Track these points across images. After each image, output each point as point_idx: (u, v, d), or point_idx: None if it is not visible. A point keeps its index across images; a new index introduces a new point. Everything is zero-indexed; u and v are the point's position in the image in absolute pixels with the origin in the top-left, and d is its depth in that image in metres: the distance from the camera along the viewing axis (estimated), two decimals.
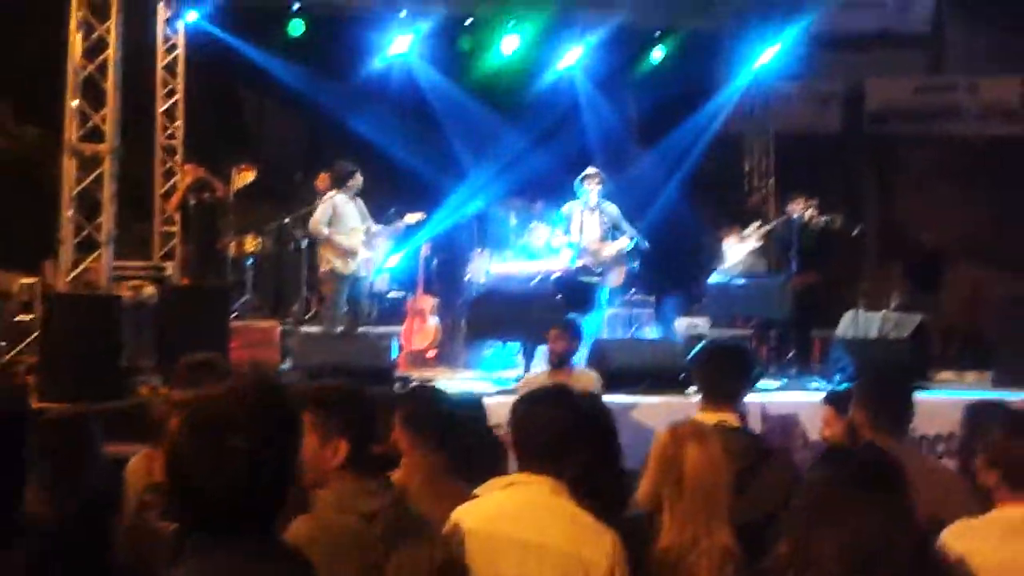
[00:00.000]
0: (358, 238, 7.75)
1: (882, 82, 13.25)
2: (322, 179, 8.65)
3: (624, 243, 7.95)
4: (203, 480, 1.42)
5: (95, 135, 6.99)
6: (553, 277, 7.95)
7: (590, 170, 8.03)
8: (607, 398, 4.75)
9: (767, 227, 9.04)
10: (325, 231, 7.64)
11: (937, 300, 9.24)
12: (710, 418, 3.29)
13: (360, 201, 7.92)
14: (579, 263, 7.86)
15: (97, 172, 6.90)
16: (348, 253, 7.66)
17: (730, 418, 3.32)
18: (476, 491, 2.66)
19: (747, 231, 9.22)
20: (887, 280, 10.24)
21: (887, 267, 11.50)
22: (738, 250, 9.15)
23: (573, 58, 10.59)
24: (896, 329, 7.76)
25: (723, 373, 3.46)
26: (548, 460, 2.56)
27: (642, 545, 2.61)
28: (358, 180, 7.84)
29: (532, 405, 2.65)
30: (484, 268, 8.73)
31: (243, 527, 1.44)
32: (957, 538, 2.49)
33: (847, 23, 13.19)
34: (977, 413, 3.42)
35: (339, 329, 7.50)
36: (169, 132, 10.05)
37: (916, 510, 2.14)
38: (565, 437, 2.59)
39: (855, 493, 2.11)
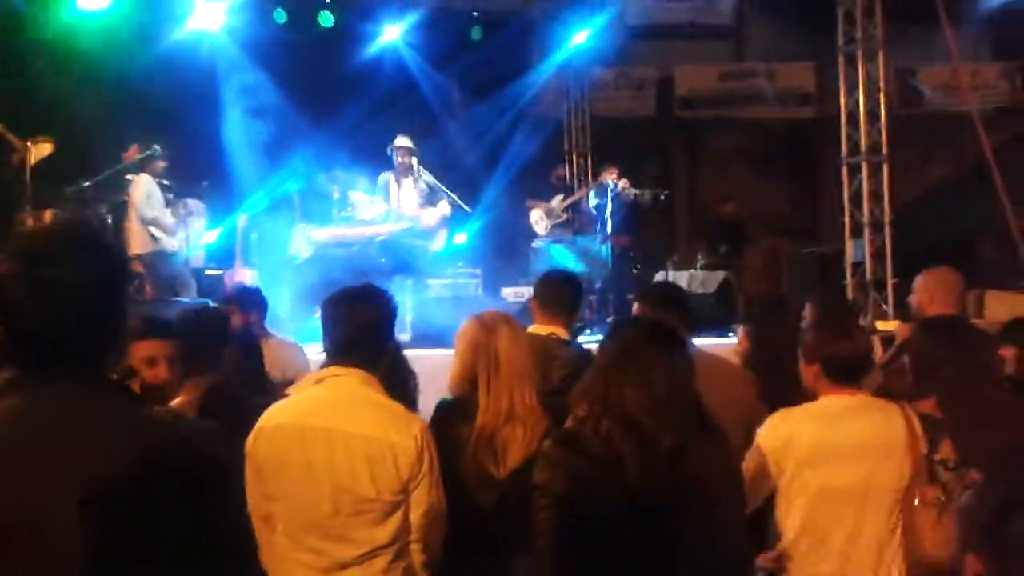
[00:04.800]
0: (173, 215, 7.80)
1: (690, 69, 14.00)
2: (133, 150, 8.28)
3: (444, 208, 8.03)
4: (25, 313, 1.37)
5: None
6: (378, 239, 7.91)
7: (400, 139, 8.09)
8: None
9: (572, 199, 9.47)
10: (150, 212, 7.63)
11: (739, 264, 9.89)
12: (543, 330, 3.48)
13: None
14: (402, 226, 7.88)
15: None
16: (169, 231, 7.71)
17: (560, 331, 3.55)
18: (289, 389, 2.67)
19: (553, 202, 9.60)
20: (694, 248, 10.88)
21: (694, 237, 12.22)
22: (544, 223, 9.52)
23: (395, 33, 10.61)
24: (702, 285, 8.25)
25: (555, 292, 3.71)
26: (356, 353, 2.59)
27: (455, 427, 2.68)
28: (161, 163, 7.84)
29: (341, 302, 2.67)
30: (306, 240, 8.57)
31: (68, 364, 1.39)
32: (782, 421, 2.72)
33: (659, 15, 13.95)
34: (753, 317, 3.72)
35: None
36: None
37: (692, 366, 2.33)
38: (373, 331, 2.63)
39: (645, 349, 2.28)
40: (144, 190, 7.70)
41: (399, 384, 3.18)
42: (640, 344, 2.30)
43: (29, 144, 8.77)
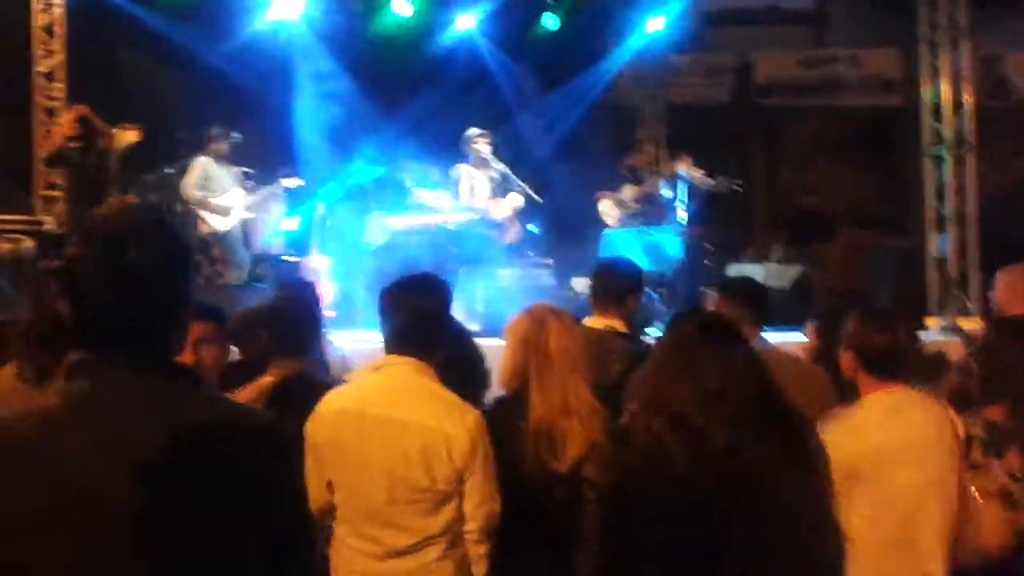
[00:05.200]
0: (231, 199, 7.90)
1: (769, 55, 13.71)
2: (216, 147, 8.50)
3: (517, 200, 8.02)
4: (95, 296, 1.41)
5: None
6: (450, 228, 7.96)
7: (475, 130, 8.09)
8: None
9: (645, 189, 9.32)
10: (196, 193, 7.76)
11: (819, 258, 9.65)
12: (599, 323, 3.43)
13: (233, 167, 7.99)
14: (473, 216, 7.91)
15: None
16: (223, 211, 7.81)
17: (617, 324, 3.48)
18: (348, 376, 2.71)
19: (624, 193, 9.48)
20: (771, 241, 10.64)
21: (772, 229, 11.95)
22: (614, 212, 9.40)
23: (470, 22, 10.62)
24: (778, 279, 8.07)
25: (608, 284, 3.62)
26: (414, 342, 2.61)
27: (511, 421, 2.68)
28: (222, 145, 7.91)
29: (399, 290, 2.70)
30: (380, 227, 8.67)
31: (134, 346, 1.42)
32: (839, 429, 2.64)
33: (736, 1, 13.69)
34: (828, 313, 3.62)
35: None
36: (49, 94, 9.69)
37: (757, 363, 2.27)
38: (429, 320, 2.65)
39: (697, 343, 2.25)
40: (197, 172, 7.83)
41: (466, 372, 3.18)
42: (691, 338, 2.27)
43: (115, 130, 9.08)
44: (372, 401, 2.56)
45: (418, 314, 2.61)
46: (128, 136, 9.01)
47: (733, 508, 2.13)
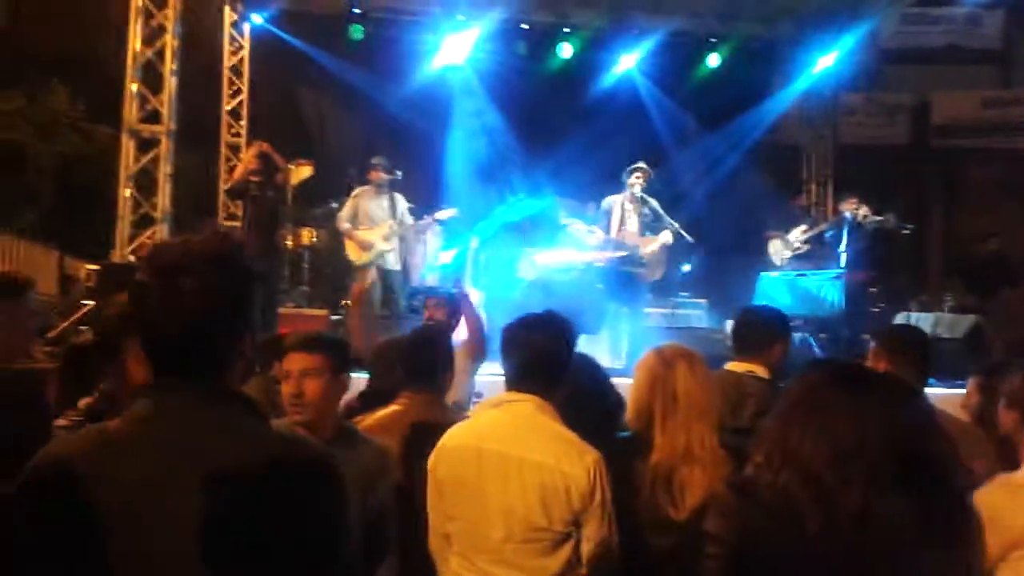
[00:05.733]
0: (380, 232, 8.09)
1: (948, 95, 13.05)
2: (374, 175, 8.86)
3: (666, 237, 7.89)
4: (158, 320, 1.48)
5: (154, 117, 7.27)
6: (597, 266, 7.93)
7: (638, 164, 8.05)
8: None
9: (813, 231, 8.97)
10: (344, 225, 8.09)
11: (998, 308, 8.95)
12: (739, 368, 3.33)
13: (397, 196, 8.20)
14: (620, 254, 7.85)
15: (154, 152, 7.16)
16: (363, 245, 8.05)
17: (759, 369, 3.38)
18: (469, 412, 2.72)
19: (792, 234, 9.16)
20: (946, 288, 10.00)
21: (947, 276, 11.24)
22: (783, 253, 9.09)
23: (631, 62, 10.64)
24: (949, 330, 7.56)
25: (751, 328, 3.55)
26: (535, 379, 2.60)
27: (632, 462, 2.61)
28: (381, 175, 8.13)
29: (520, 328, 2.69)
30: (531, 263, 8.76)
31: (197, 371, 1.48)
32: (999, 494, 2.42)
33: (915, 38, 13.10)
34: (995, 367, 3.35)
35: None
36: (234, 131, 10.42)
37: (901, 416, 2.11)
38: (550, 357, 2.62)
39: (829, 393, 2.10)
40: (351, 203, 8.16)
41: (592, 411, 3.14)
42: (823, 387, 2.12)
43: (291, 166, 9.63)
44: (492, 437, 2.56)
45: (538, 352, 2.59)
46: (302, 172, 9.57)
47: None
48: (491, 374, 6.56)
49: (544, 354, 2.59)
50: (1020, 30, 12.84)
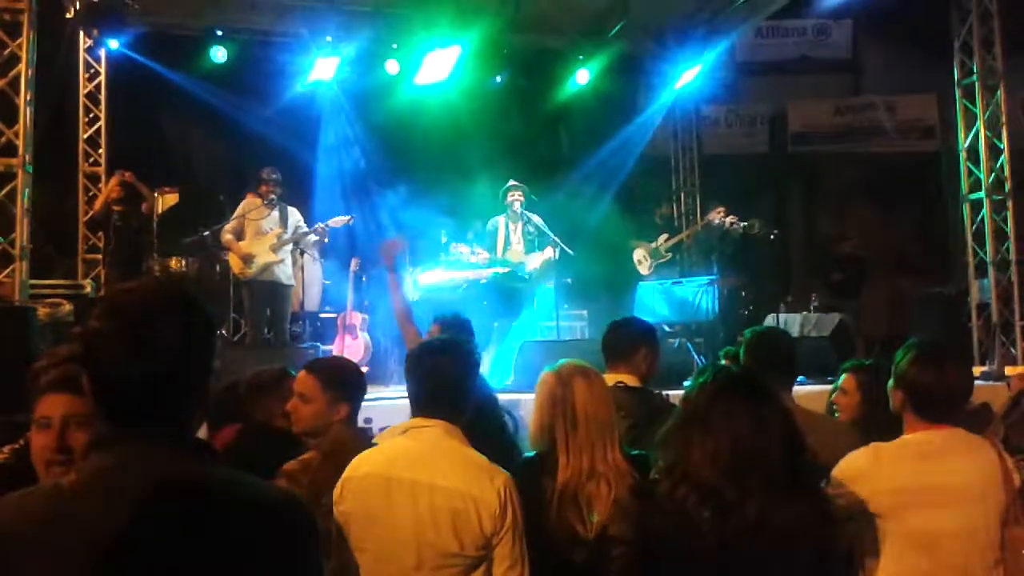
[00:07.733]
0: (265, 243, 7.86)
1: (803, 104, 13.72)
2: (263, 188, 8.63)
3: (549, 253, 8.03)
4: (119, 368, 1.40)
5: (8, 150, 6.89)
6: (481, 282, 7.97)
7: (512, 183, 8.15)
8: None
9: (674, 239, 9.32)
10: (227, 236, 7.86)
11: (858, 305, 9.50)
12: (610, 379, 3.37)
13: (290, 209, 8.08)
14: (503, 270, 7.92)
15: (10, 186, 6.78)
16: (247, 258, 7.80)
17: (628, 379, 3.43)
18: (376, 439, 2.69)
19: (657, 242, 9.47)
20: (810, 289, 10.52)
21: (811, 277, 11.81)
22: (647, 263, 9.39)
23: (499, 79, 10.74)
24: (816, 328, 7.96)
25: (615, 336, 3.61)
26: (441, 405, 2.59)
27: (539, 482, 2.63)
28: (268, 187, 7.94)
29: (425, 353, 2.68)
30: (415, 282, 8.71)
31: (156, 419, 1.42)
32: (873, 461, 2.56)
33: (770, 51, 13.78)
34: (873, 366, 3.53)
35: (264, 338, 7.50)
36: (92, 159, 9.97)
37: (788, 421, 2.20)
38: (456, 383, 2.62)
39: (724, 402, 2.18)
40: (237, 219, 7.94)
41: (492, 432, 3.14)
42: (722, 396, 2.20)
43: (156, 194, 9.29)
44: (400, 464, 2.53)
45: (445, 378, 2.58)
46: (168, 200, 9.23)
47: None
48: (381, 398, 6.53)
49: (450, 379, 2.59)
50: (868, 39, 13.64)
